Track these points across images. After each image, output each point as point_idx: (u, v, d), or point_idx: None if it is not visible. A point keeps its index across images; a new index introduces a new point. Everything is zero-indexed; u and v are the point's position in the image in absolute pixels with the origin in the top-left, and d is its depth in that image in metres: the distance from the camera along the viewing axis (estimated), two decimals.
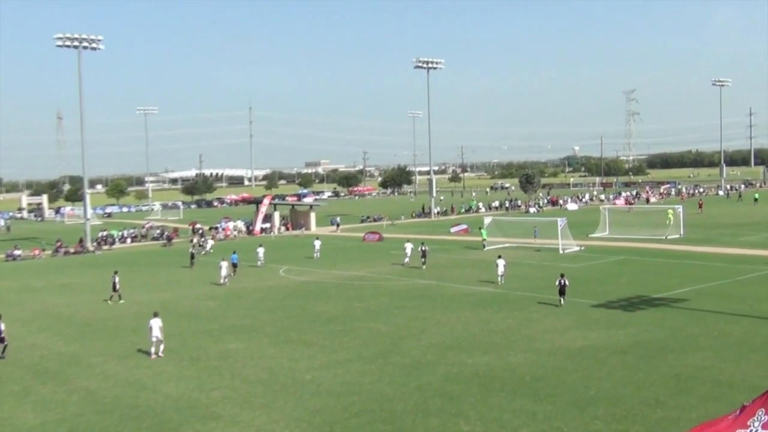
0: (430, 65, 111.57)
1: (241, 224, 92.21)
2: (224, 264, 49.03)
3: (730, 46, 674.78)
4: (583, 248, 59.47)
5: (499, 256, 46.18)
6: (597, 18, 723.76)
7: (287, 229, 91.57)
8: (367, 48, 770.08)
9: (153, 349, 29.14)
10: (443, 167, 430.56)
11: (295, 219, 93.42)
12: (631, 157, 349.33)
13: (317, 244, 63.03)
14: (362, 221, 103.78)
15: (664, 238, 65.33)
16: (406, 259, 54.51)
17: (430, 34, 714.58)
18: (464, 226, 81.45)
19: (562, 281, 36.92)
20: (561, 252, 57.81)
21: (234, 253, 55.16)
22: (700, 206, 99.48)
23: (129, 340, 32.56)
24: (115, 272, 44.66)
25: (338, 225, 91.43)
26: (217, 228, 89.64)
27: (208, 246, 70.64)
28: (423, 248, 53.45)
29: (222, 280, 48.25)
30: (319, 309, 38.38)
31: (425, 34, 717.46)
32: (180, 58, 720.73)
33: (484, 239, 63.59)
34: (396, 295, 41.66)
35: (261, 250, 58.71)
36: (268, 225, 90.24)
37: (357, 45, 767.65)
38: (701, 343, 27.93)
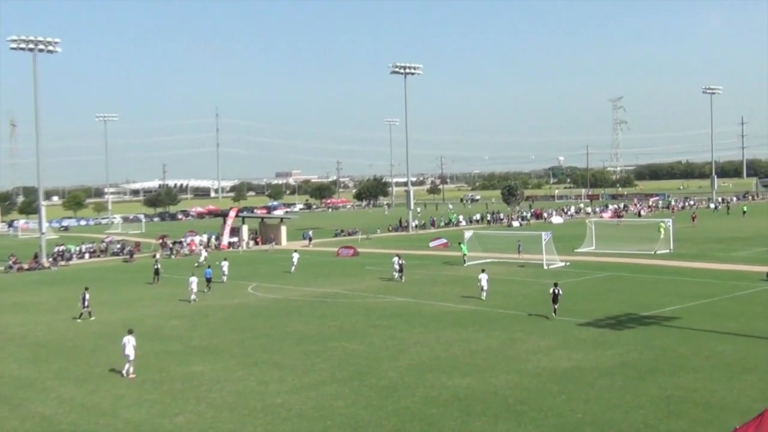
0: (407, 71, 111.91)
1: (206, 238, 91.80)
2: (194, 280, 48.92)
3: (722, 52, 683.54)
4: (568, 264, 59.74)
5: (483, 270, 46.62)
6: (582, 23, 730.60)
7: (256, 243, 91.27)
8: (341, 52, 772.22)
9: (127, 366, 29.33)
10: (421, 178, 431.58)
11: (265, 233, 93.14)
12: (618, 168, 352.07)
13: (295, 257, 63.85)
14: (336, 235, 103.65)
15: (653, 253, 65.79)
16: (396, 274, 55.26)
17: (407, 38, 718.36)
18: (443, 240, 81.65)
19: (556, 290, 38.81)
20: (545, 267, 58.06)
21: (209, 267, 56.04)
22: (694, 219, 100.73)
23: (87, 361, 32.27)
24: (86, 288, 44.75)
25: (310, 239, 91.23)
26: (181, 242, 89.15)
27: (202, 258, 71.76)
28: (399, 262, 55.66)
29: (192, 297, 48.19)
30: (289, 328, 38.24)
31: (403, 38, 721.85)
32: (142, 62, 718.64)
33: (465, 254, 63.84)
34: (372, 314, 41.61)
35: (225, 265, 58.66)
36: (235, 239, 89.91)
37: (330, 49, 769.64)
38: (692, 363, 28.12)
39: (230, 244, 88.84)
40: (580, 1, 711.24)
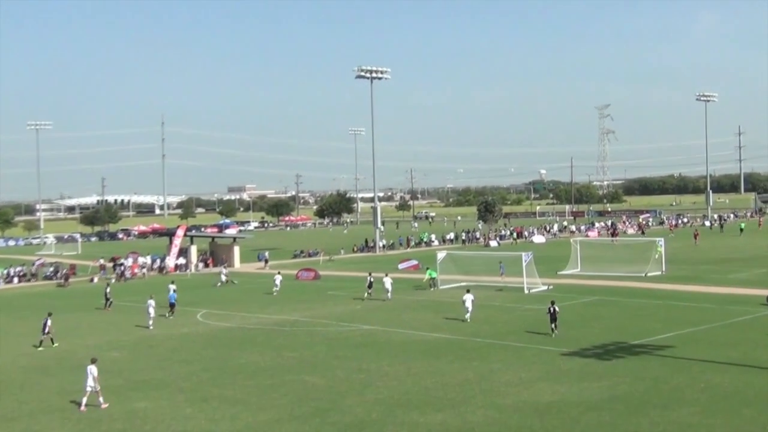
0: (374, 75, 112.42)
1: (150, 260, 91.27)
2: (152, 303, 49.61)
3: (717, 57, 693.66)
4: (551, 287, 60.03)
5: (468, 291, 48.26)
6: (566, 24, 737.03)
7: (207, 265, 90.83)
8: (301, 54, 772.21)
9: (85, 400, 29.62)
10: (390, 193, 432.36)
11: (216, 254, 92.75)
12: (605, 182, 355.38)
13: (278, 279, 65.23)
14: (295, 256, 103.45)
15: (643, 275, 66.33)
16: (389, 294, 57.04)
17: (374, 40, 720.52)
18: (414, 262, 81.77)
19: (553, 308, 41.32)
20: (526, 292, 58.32)
21: (174, 291, 56.59)
22: (696, 237, 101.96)
23: (16, 398, 31.89)
24: (49, 314, 44.53)
25: (267, 261, 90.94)
26: (122, 265, 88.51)
27: (223, 277, 72.96)
28: (369, 279, 58.91)
29: (150, 323, 48.76)
30: (243, 360, 38.06)
31: (369, 39, 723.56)
32: (79, 64, 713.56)
33: (431, 278, 63.88)
34: (335, 343, 41.52)
35: (172, 288, 58.35)
36: (183, 261, 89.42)
37: (289, 50, 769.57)
38: (687, 396, 28.34)
39: (177, 267, 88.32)
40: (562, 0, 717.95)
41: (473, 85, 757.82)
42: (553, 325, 41.11)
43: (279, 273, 68.06)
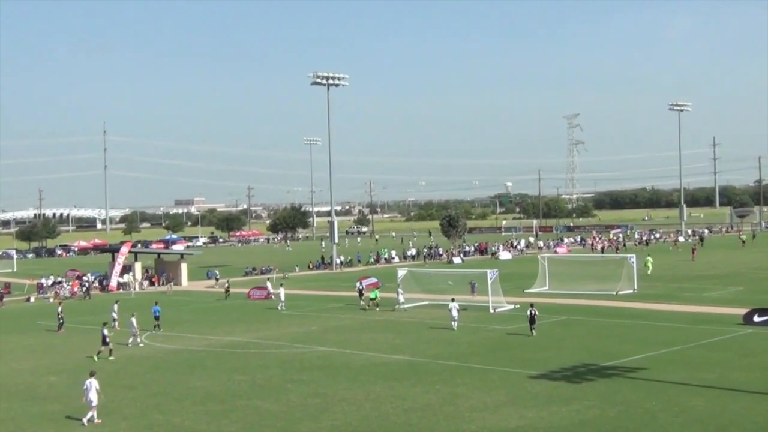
0: (330, 81, 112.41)
1: (91, 278, 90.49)
2: (134, 321, 50.36)
3: (691, 64, 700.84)
4: (517, 306, 60.21)
5: (453, 300, 51.70)
6: (532, 28, 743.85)
7: (152, 283, 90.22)
8: (252, 59, 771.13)
9: (91, 414, 30.83)
10: (348, 207, 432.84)
11: (163, 271, 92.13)
12: (574, 196, 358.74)
13: (282, 292, 66.85)
14: (246, 274, 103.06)
15: (615, 293, 66.81)
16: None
17: (330, 44, 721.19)
18: (374, 280, 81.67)
19: (532, 311, 48.00)
20: (491, 311, 58.54)
21: (156, 304, 57.32)
22: (693, 252, 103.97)
23: None
24: (104, 324, 48.00)
25: (217, 278, 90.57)
26: (60, 283, 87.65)
27: (282, 296, 69.89)
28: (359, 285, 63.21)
29: (130, 341, 49.53)
30: (191, 384, 37.83)
31: (324, 43, 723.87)
32: (12, 67, 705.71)
33: (372, 299, 64.00)
34: (289, 366, 41.40)
35: (115, 307, 57.92)
36: (126, 279, 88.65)
37: (240, 55, 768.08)
38: (660, 420, 28.56)
39: (120, 285, 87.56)
40: (528, 2, 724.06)
41: (436, 94, 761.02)
42: (532, 327, 47.48)
43: (282, 285, 70.70)
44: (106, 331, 46.84)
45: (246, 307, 68.20)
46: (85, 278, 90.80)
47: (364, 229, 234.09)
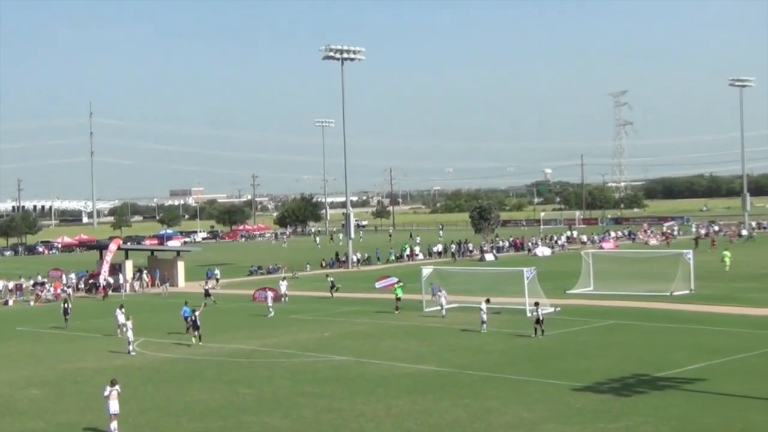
0: (345, 55, 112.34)
1: (75, 278, 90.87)
2: (129, 324, 50.89)
3: (754, 35, 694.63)
4: (558, 309, 60.12)
5: (487, 300, 53.33)
6: None
7: (147, 285, 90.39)
8: (257, 30, 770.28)
9: (114, 426, 31.65)
10: (365, 197, 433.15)
11: (157, 270, 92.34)
12: (622, 184, 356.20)
13: (283, 285, 73.56)
14: (251, 273, 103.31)
15: (669, 294, 66.55)
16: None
17: (344, 14, 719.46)
18: (394, 279, 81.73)
19: (538, 312, 49.12)
20: (529, 314, 58.27)
21: (186, 304, 57.83)
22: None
23: None
24: (194, 310, 53.15)
25: (217, 279, 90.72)
26: (43, 284, 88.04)
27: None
28: (330, 279, 65.39)
29: (130, 348, 50.03)
30: (189, 398, 37.98)
31: (339, 12, 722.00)
32: None
33: (399, 298, 64.45)
34: (300, 377, 41.51)
35: (119, 312, 57.12)
36: (118, 279, 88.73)
37: (243, 26, 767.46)
38: None
39: (108, 286, 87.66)
40: None
41: (464, 69, 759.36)
42: (540, 328, 49.30)
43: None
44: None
45: (250, 311, 68.31)
46: (70, 277, 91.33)
47: (364, 222, 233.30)
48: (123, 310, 57.03)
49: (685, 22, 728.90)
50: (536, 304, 51.45)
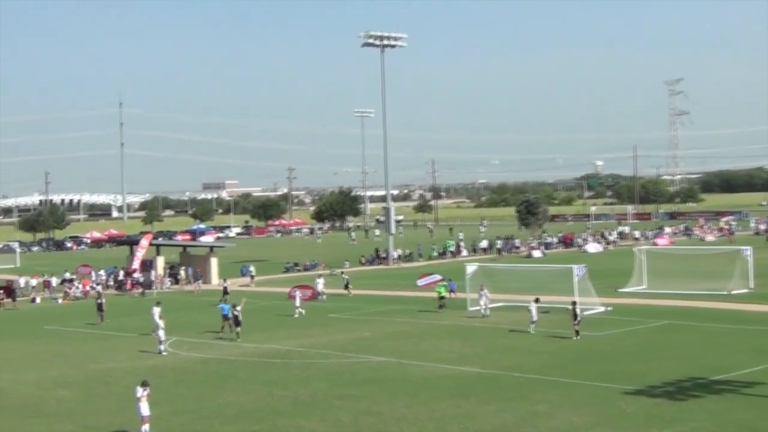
0: (385, 42, 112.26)
1: (104, 275, 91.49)
2: (161, 324, 51.06)
3: None
4: (610, 308, 59.95)
5: (536, 300, 53.57)
6: None
7: (177, 281, 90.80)
8: (292, 17, 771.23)
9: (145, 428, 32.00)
10: (407, 191, 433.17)
11: (190, 267, 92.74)
12: (677, 177, 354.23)
13: (320, 283, 75.71)
14: (287, 270, 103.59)
15: (726, 293, 66.12)
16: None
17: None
18: (437, 277, 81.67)
19: (576, 309, 49.64)
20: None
21: (225, 301, 59.29)
22: None
23: None
24: (235, 306, 55.07)
25: (252, 276, 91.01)
26: (71, 281, 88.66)
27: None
28: (345, 278, 63.55)
29: (162, 347, 50.42)
30: (223, 400, 38.16)
31: None
32: (12, 32, 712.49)
33: (442, 297, 64.37)
34: (337, 379, 41.59)
35: (156, 310, 56.29)
36: (150, 276, 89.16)
37: (278, 13, 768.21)
38: None
39: (137, 284, 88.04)
40: None
41: (510, 57, 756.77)
42: (576, 328, 49.69)
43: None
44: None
45: (286, 310, 68.43)
46: (100, 273, 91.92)
47: (399, 217, 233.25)
48: (160, 308, 55.87)
49: (743, 6, 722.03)
50: (573, 303, 51.55)
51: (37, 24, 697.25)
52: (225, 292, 72.33)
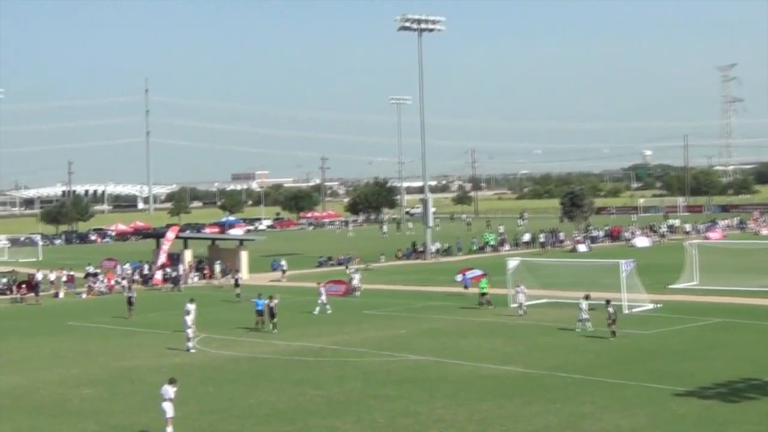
0: (423, 26, 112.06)
1: (130, 269, 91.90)
2: (189, 320, 51.45)
3: None
4: (659, 305, 59.72)
5: (586, 297, 53.15)
6: None
7: (204, 276, 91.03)
8: (325, 1, 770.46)
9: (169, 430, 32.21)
10: (445, 182, 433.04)
11: (218, 261, 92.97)
12: (730, 167, 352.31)
13: (356, 278, 75.82)
14: (320, 264, 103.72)
15: None
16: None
17: None
18: (478, 273, 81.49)
19: (610, 311, 49.14)
20: (626, 311, 57.96)
21: (259, 296, 58.49)
22: None
23: None
24: (270, 297, 56.57)
25: (284, 270, 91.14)
26: (95, 275, 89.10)
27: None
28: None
29: (190, 344, 50.76)
30: (254, 399, 38.29)
31: None
32: (35, 18, 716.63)
33: (484, 293, 64.02)
34: (373, 378, 41.66)
35: (191, 307, 56.12)
36: (177, 271, 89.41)
37: None
38: None
39: (165, 279, 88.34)
40: None
41: (554, 42, 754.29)
42: (612, 329, 49.07)
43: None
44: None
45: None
46: (125, 267, 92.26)
47: (432, 209, 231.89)
48: (194, 304, 55.01)
49: None
50: (607, 302, 50.52)
51: (60, 9, 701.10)
52: (236, 284, 73.11)
